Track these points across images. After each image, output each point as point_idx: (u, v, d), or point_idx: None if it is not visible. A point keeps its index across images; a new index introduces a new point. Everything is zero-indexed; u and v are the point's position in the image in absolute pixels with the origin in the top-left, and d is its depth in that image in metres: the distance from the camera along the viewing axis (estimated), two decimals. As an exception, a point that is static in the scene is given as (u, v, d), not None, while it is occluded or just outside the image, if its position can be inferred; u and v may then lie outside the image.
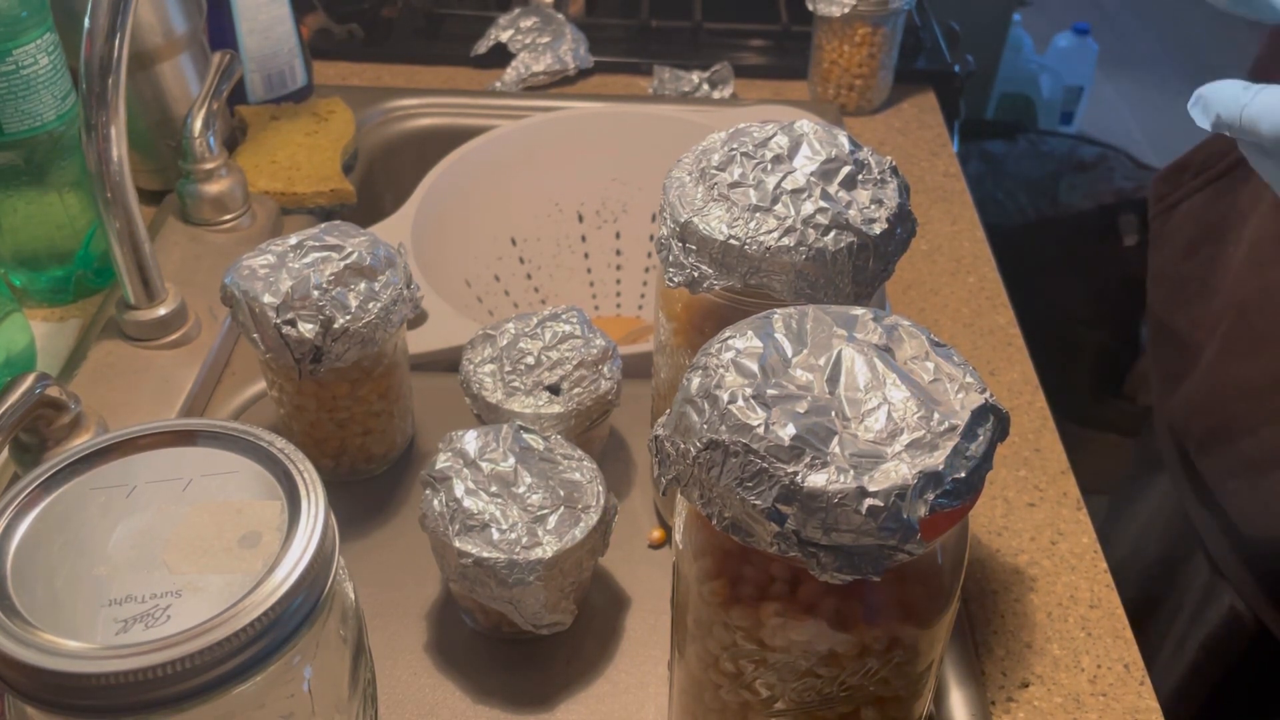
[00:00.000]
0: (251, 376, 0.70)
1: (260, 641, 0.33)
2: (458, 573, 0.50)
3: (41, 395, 0.55)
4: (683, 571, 0.42)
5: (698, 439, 0.36)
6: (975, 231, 0.86)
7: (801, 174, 0.47)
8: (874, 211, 0.47)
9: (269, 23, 0.87)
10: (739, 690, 0.41)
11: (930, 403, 0.36)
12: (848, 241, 0.46)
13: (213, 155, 0.76)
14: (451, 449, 0.53)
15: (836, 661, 0.38)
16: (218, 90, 0.75)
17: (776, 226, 0.46)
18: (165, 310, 0.68)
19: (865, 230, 0.47)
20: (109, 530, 0.36)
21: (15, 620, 0.33)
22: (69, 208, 0.72)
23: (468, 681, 0.54)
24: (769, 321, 0.39)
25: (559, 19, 1.04)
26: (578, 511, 0.51)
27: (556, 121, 0.93)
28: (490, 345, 0.60)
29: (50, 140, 0.68)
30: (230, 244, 0.77)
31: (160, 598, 0.34)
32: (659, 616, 0.57)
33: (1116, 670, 0.55)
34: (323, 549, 0.35)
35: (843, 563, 0.34)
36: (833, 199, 0.47)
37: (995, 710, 0.54)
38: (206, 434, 0.39)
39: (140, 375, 0.67)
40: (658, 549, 0.60)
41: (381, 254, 0.58)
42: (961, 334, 0.75)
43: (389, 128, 0.95)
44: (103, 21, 0.59)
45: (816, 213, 0.46)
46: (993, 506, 0.63)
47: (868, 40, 0.94)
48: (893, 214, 0.48)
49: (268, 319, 0.55)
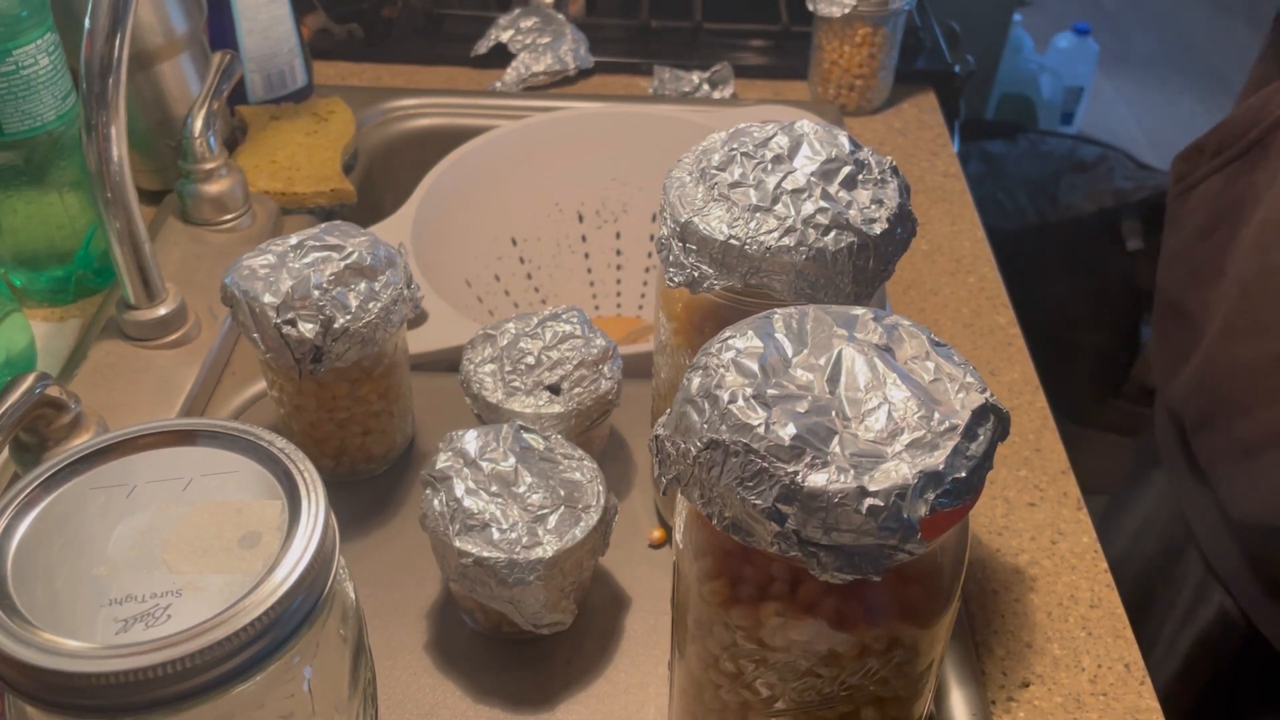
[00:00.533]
0: (251, 376, 0.70)
1: (260, 641, 0.33)
2: (458, 572, 0.50)
3: (41, 395, 0.55)
4: (683, 571, 0.42)
5: (698, 439, 0.36)
6: (975, 231, 0.86)
7: (802, 174, 0.48)
8: (874, 211, 0.47)
9: (269, 23, 0.87)
10: (739, 690, 0.41)
11: (930, 402, 0.36)
12: (848, 241, 0.46)
13: (213, 155, 0.76)
14: (452, 449, 0.53)
15: (837, 661, 0.38)
16: (218, 90, 0.75)
17: (777, 226, 0.46)
18: (165, 310, 0.68)
19: (865, 230, 0.47)
20: (109, 530, 0.36)
21: (15, 620, 0.33)
22: (69, 208, 0.72)
23: (468, 681, 0.54)
24: (769, 321, 0.39)
25: (559, 19, 1.04)
26: (578, 511, 0.51)
27: (556, 121, 0.93)
28: (490, 345, 0.60)
29: (50, 140, 0.68)
30: (230, 244, 0.77)
31: (160, 597, 0.34)
32: (659, 616, 0.57)
33: (1117, 670, 0.55)
34: (323, 549, 0.35)
35: (843, 562, 0.34)
36: (833, 199, 0.47)
37: (995, 710, 0.54)
38: (206, 434, 0.39)
39: (140, 375, 0.67)
40: (658, 549, 0.60)
41: (382, 254, 0.58)
42: (962, 334, 0.75)
43: (389, 128, 0.95)
44: (103, 21, 0.59)
45: (817, 213, 0.46)
46: (993, 506, 0.63)
47: (868, 40, 0.94)
48: (893, 214, 0.48)
49: (268, 319, 0.55)
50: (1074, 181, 1.58)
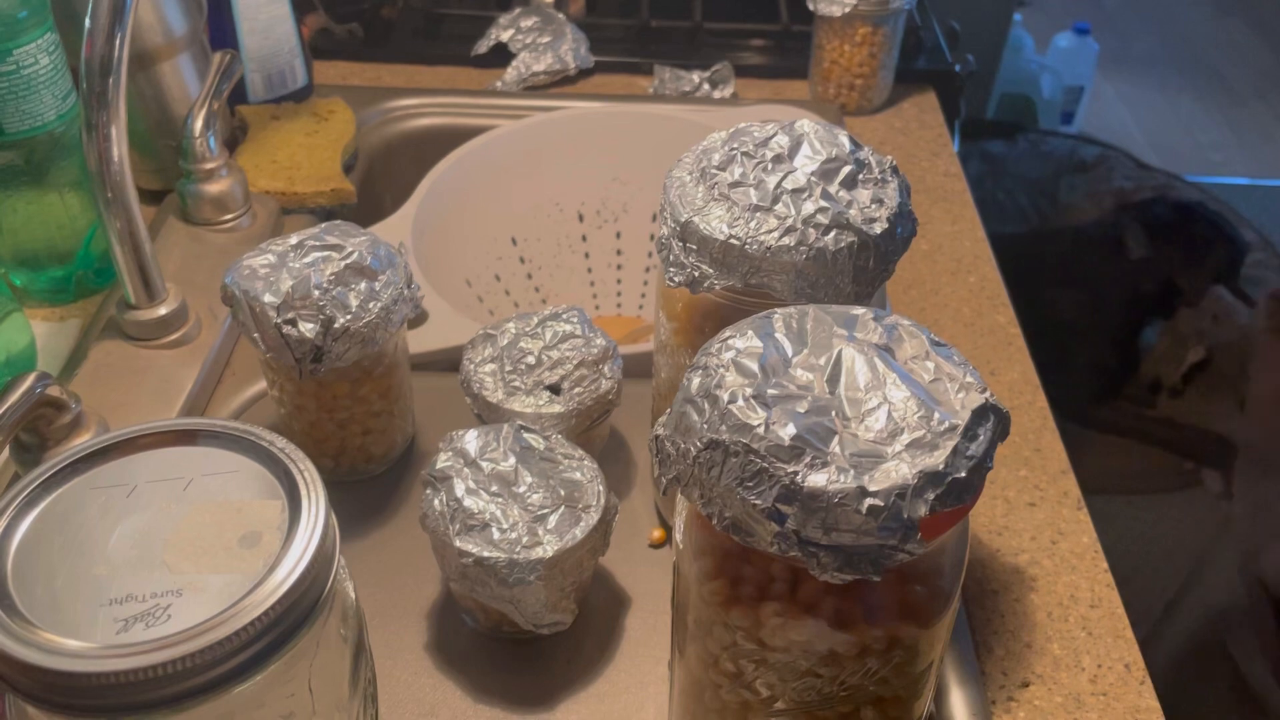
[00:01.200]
0: (252, 376, 0.70)
1: (260, 641, 0.33)
2: (458, 572, 0.50)
3: (42, 395, 0.55)
4: (683, 571, 0.42)
5: (698, 439, 0.36)
6: (976, 231, 0.86)
7: (802, 173, 0.47)
8: (874, 211, 0.47)
9: (269, 22, 0.87)
10: (739, 690, 0.41)
11: (931, 402, 0.36)
12: (848, 241, 0.46)
13: (213, 155, 0.76)
14: (452, 449, 0.53)
15: (836, 661, 0.38)
16: (218, 90, 0.75)
17: (777, 226, 0.46)
18: (165, 310, 0.68)
19: (866, 230, 0.47)
20: (109, 530, 0.36)
21: (16, 620, 0.33)
22: (69, 208, 0.72)
23: (468, 681, 0.54)
24: (769, 321, 0.39)
25: (559, 19, 1.04)
26: (578, 511, 0.51)
27: (556, 121, 0.93)
28: (491, 345, 0.60)
29: (50, 140, 0.68)
30: (231, 244, 0.77)
31: (160, 597, 0.34)
32: (659, 616, 0.57)
33: (1117, 670, 0.55)
34: (323, 549, 0.35)
35: (843, 562, 0.34)
36: (833, 199, 0.47)
37: (995, 710, 0.54)
38: (207, 433, 0.39)
39: (140, 375, 0.67)
40: (658, 549, 0.60)
41: (382, 254, 0.58)
42: (962, 334, 0.75)
43: (389, 128, 0.95)
44: (103, 21, 0.59)
45: (817, 212, 0.46)
46: (993, 506, 0.63)
47: (868, 40, 0.94)
48: (893, 214, 0.48)
49: (268, 318, 0.55)
50: (1074, 181, 1.58)
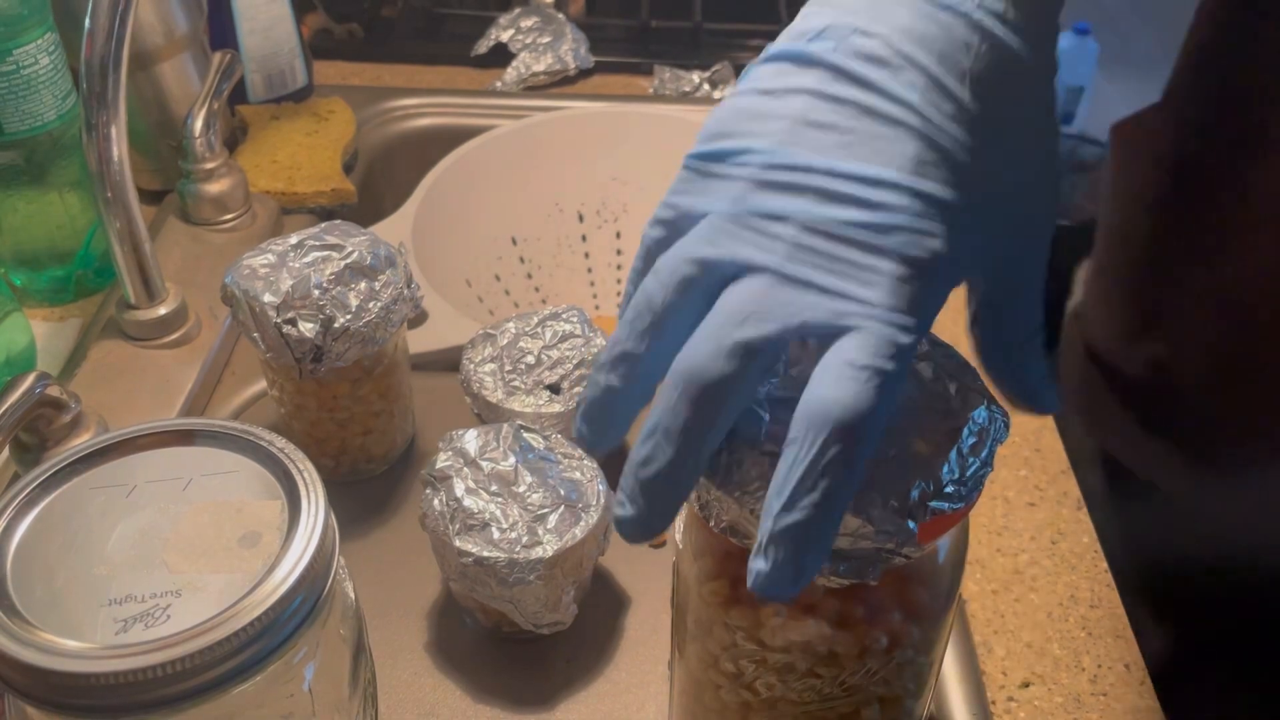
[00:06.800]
0: (251, 376, 0.70)
1: (260, 641, 0.33)
2: (458, 572, 0.50)
3: (41, 395, 0.55)
4: (683, 571, 0.42)
5: (698, 439, 0.36)
6: (975, 231, 0.85)
7: (802, 174, 0.47)
8: (874, 211, 0.47)
9: (269, 22, 0.87)
10: (739, 690, 0.41)
11: (930, 403, 0.36)
12: (848, 241, 0.46)
13: (213, 155, 0.76)
14: (452, 448, 0.53)
15: (837, 662, 0.38)
16: (218, 90, 0.75)
17: (777, 226, 0.46)
18: (165, 310, 0.68)
19: (865, 230, 0.46)
20: (109, 530, 0.36)
21: (15, 620, 0.33)
22: (69, 207, 0.72)
23: (468, 681, 0.54)
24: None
25: (559, 19, 1.04)
26: (578, 510, 0.51)
27: (556, 121, 0.93)
28: (490, 344, 0.60)
29: (50, 140, 0.68)
30: (230, 243, 0.77)
31: (160, 597, 0.34)
32: (659, 616, 0.57)
33: (1117, 670, 0.55)
34: (323, 548, 0.35)
35: (841, 565, 0.34)
36: (833, 199, 0.47)
37: (995, 710, 0.54)
38: (206, 433, 0.39)
39: (140, 375, 0.67)
40: (658, 549, 0.60)
41: (382, 253, 0.58)
42: (962, 334, 0.75)
43: (389, 128, 0.95)
44: (103, 21, 0.58)
45: (817, 213, 0.46)
46: (993, 506, 0.63)
47: (868, 40, 0.94)
48: (893, 214, 0.48)
49: (268, 318, 0.55)
50: (1075, 181, 1.58)
